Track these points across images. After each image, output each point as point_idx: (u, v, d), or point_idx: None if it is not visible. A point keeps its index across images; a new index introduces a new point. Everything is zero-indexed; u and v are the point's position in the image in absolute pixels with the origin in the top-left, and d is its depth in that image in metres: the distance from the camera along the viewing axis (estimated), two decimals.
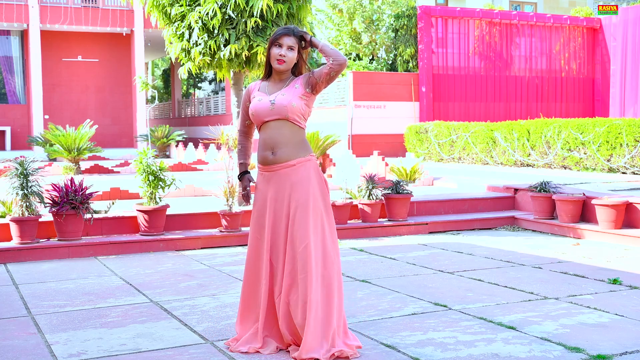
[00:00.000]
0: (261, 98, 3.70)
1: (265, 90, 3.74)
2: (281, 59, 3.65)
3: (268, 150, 3.66)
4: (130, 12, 23.36)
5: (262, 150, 3.69)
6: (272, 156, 3.65)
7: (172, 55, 8.31)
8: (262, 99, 3.69)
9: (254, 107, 3.71)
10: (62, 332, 4.12)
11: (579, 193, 8.11)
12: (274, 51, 3.66)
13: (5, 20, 22.01)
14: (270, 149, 3.65)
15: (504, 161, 14.27)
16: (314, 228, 3.57)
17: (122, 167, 15.83)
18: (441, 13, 19.91)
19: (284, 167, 3.63)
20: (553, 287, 5.17)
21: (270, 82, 3.77)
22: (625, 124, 11.56)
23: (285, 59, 3.65)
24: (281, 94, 3.67)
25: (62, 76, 24.86)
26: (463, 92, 20.08)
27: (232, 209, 7.30)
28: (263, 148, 3.69)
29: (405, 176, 11.47)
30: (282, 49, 3.65)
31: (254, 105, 3.71)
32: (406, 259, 6.40)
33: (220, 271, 5.92)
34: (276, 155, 3.64)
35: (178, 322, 4.30)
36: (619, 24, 20.33)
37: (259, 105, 3.69)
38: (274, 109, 3.64)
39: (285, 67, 3.68)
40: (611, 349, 3.68)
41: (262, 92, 3.75)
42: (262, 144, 3.70)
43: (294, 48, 3.67)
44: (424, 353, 3.65)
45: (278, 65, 3.66)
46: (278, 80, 3.75)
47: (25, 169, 6.65)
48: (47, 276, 5.78)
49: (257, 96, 3.74)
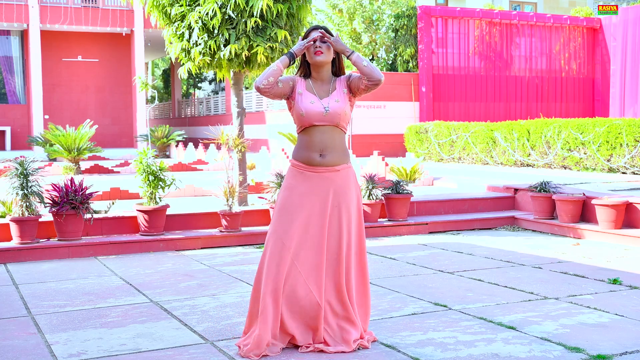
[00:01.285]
0: (313, 101, 3.67)
1: (312, 91, 3.71)
2: (319, 50, 3.65)
3: (316, 152, 3.67)
4: (130, 12, 23.36)
5: (308, 151, 3.68)
6: (320, 158, 3.67)
7: (172, 55, 8.31)
8: (314, 103, 3.67)
9: (305, 109, 3.66)
10: (62, 332, 4.12)
11: (579, 193, 8.11)
12: (310, 45, 3.67)
13: (5, 20, 22.01)
14: (319, 151, 3.68)
15: (504, 161, 14.27)
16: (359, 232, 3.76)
17: (122, 167, 15.83)
18: (441, 13, 19.91)
19: (329, 170, 3.68)
20: (553, 287, 5.17)
21: (313, 80, 3.75)
22: (625, 124, 11.56)
23: (322, 49, 3.66)
24: (334, 100, 3.68)
25: (62, 76, 24.87)
26: (463, 92, 20.08)
27: (232, 209, 7.30)
28: (309, 149, 3.68)
29: (405, 176, 11.48)
30: (316, 42, 3.67)
31: (306, 107, 3.66)
32: (406, 259, 6.40)
33: (220, 271, 5.92)
34: (325, 158, 3.67)
35: (178, 322, 4.30)
36: (619, 24, 20.33)
37: (312, 109, 3.66)
38: (328, 116, 3.66)
39: (324, 57, 3.67)
40: (611, 349, 3.68)
41: (310, 92, 3.71)
42: (308, 145, 3.68)
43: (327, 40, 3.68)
44: (424, 353, 3.65)
45: (317, 57, 3.66)
46: (320, 80, 3.74)
47: (25, 169, 6.66)
48: (47, 276, 5.78)
49: (306, 96, 3.69)
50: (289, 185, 3.73)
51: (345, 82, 3.76)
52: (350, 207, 3.71)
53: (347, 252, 3.70)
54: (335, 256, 3.69)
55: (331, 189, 3.68)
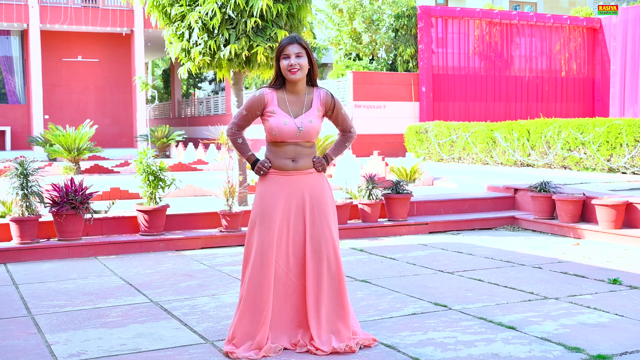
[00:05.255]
0: (287, 121, 3.68)
1: (285, 108, 3.71)
2: (293, 69, 3.64)
3: (288, 159, 3.75)
4: (130, 12, 23.36)
5: (281, 159, 3.74)
6: (293, 164, 3.75)
7: (172, 55, 8.31)
8: (288, 123, 3.68)
9: (278, 129, 3.68)
10: (62, 332, 4.12)
11: (579, 193, 8.11)
12: (283, 63, 3.66)
13: (5, 20, 22.01)
14: (291, 158, 3.75)
15: (504, 161, 14.27)
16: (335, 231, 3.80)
17: (122, 167, 15.84)
18: (441, 13, 19.91)
19: (302, 173, 3.76)
20: (553, 287, 5.17)
21: (288, 94, 3.74)
22: (625, 124, 11.56)
23: (297, 67, 3.65)
24: (308, 120, 3.71)
25: (62, 76, 24.87)
26: (463, 92, 20.08)
27: (232, 209, 7.30)
28: (282, 157, 3.74)
29: (405, 176, 11.47)
30: (290, 59, 3.65)
31: (279, 127, 3.68)
32: (406, 259, 6.40)
33: (220, 271, 5.92)
34: (297, 164, 3.75)
35: (178, 322, 4.30)
36: (619, 24, 20.33)
37: (285, 129, 3.68)
38: (302, 135, 3.71)
39: (301, 75, 3.68)
40: (611, 349, 3.68)
41: (283, 109, 3.71)
42: (280, 154, 3.74)
43: (302, 54, 3.66)
44: (424, 353, 3.65)
45: (292, 76, 3.65)
46: (295, 92, 3.74)
47: (25, 169, 6.66)
48: (47, 276, 5.78)
49: (279, 115, 3.69)
50: (262, 191, 3.77)
51: (322, 104, 3.79)
52: (329, 207, 3.79)
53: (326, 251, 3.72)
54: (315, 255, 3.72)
55: (305, 190, 3.76)
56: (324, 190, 3.81)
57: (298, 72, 3.65)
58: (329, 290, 3.72)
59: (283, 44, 3.68)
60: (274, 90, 3.75)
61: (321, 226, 3.73)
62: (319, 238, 3.72)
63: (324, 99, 3.79)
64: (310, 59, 3.71)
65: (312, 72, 3.75)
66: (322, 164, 3.80)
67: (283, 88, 3.75)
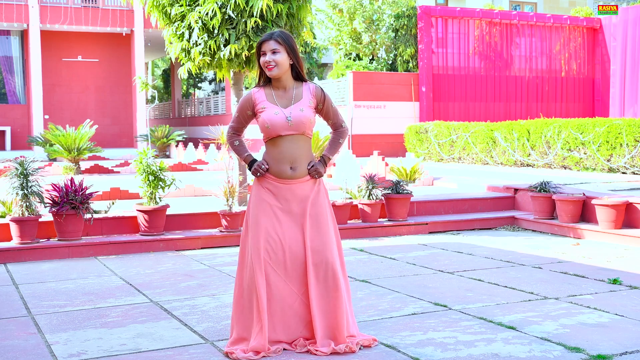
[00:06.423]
0: (277, 112, 3.67)
1: (273, 101, 3.72)
2: (269, 65, 3.65)
3: (286, 164, 3.70)
4: (130, 12, 23.36)
5: (278, 164, 3.70)
6: (292, 171, 3.71)
7: (172, 55, 8.31)
8: (278, 113, 3.67)
9: (270, 120, 3.66)
10: (62, 332, 4.12)
11: (579, 193, 8.11)
12: (261, 61, 3.69)
13: (5, 20, 22.01)
14: (289, 164, 3.70)
15: (504, 161, 14.27)
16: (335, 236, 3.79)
17: (122, 167, 15.84)
18: (441, 13, 19.91)
19: (299, 182, 3.73)
20: (553, 287, 5.17)
21: (274, 89, 3.75)
22: (625, 124, 11.56)
23: (272, 63, 3.64)
24: (298, 109, 3.69)
25: (62, 76, 24.86)
26: (463, 92, 20.08)
27: (232, 209, 7.30)
28: (279, 161, 3.70)
29: (405, 176, 11.47)
30: (266, 56, 3.66)
31: (270, 118, 3.66)
32: (406, 259, 6.40)
33: (220, 271, 5.92)
34: (296, 171, 3.71)
35: (178, 322, 4.30)
36: (619, 24, 20.33)
37: (276, 120, 3.66)
38: (293, 125, 3.67)
39: (278, 71, 3.66)
40: (611, 349, 3.68)
41: (271, 102, 3.71)
42: (277, 157, 3.70)
43: (278, 50, 3.65)
44: (424, 353, 3.65)
45: (269, 72, 3.67)
46: (281, 87, 3.75)
47: (25, 169, 6.66)
48: (47, 276, 5.78)
49: (269, 108, 3.69)
50: (258, 196, 3.73)
51: (314, 96, 3.76)
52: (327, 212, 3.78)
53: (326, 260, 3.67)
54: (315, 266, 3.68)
55: (302, 199, 3.72)
56: (319, 197, 3.77)
57: (274, 68, 3.64)
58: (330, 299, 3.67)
59: (260, 41, 3.70)
60: (261, 88, 3.78)
61: (319, 235, 3.70)
62: (319, 248, 3.68)
63: (314, 92, 3.78)
64: (292, 54, 3.68)
65: (297, 64, 3.73)
66: (317, 172, 3.75)
67: (270, 85, 3.77)
